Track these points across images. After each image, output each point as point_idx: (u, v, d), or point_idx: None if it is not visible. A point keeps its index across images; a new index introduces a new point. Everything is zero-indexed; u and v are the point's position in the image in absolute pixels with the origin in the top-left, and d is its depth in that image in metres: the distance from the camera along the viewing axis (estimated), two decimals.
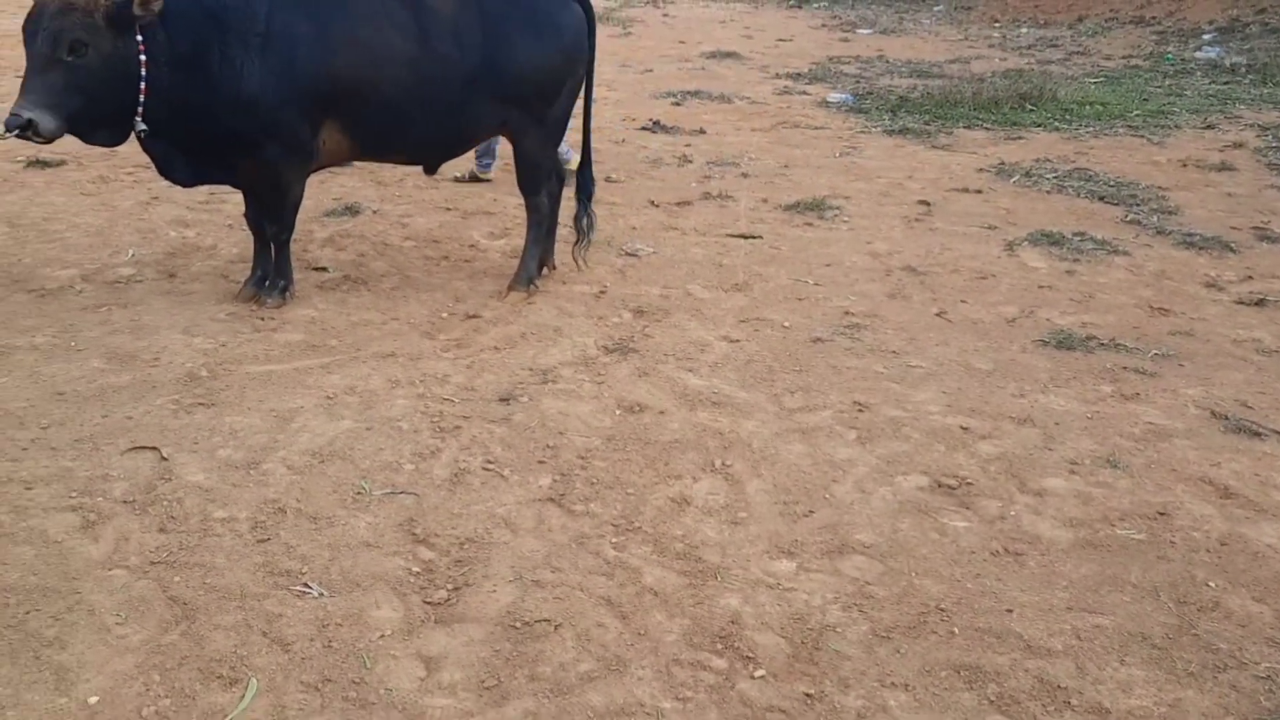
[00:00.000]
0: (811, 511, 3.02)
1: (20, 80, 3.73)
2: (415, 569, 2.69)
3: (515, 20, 4.37)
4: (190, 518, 2.86)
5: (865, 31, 15.88)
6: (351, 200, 5.99)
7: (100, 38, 3.69)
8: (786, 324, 4.39)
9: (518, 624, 2.49)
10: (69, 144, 5.79)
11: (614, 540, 2.84)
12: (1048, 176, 6.98)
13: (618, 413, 3.57)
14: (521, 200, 4.78)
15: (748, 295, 4.73)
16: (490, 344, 4.11)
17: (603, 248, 5.34)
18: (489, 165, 6.52)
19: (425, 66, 4.22)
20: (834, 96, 9.97)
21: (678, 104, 9.58)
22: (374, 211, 5.89)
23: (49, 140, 3.79)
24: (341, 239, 5.38)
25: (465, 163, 6.22)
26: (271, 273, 4.48)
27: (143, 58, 3.79)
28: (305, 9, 4.04)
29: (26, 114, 3.62)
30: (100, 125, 3.93)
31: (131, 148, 4.18)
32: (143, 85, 3.81)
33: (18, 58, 4.27)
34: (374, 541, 2.80)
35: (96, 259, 4.92)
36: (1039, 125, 8.74)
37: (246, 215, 4.50)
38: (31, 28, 3.65)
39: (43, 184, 6.18)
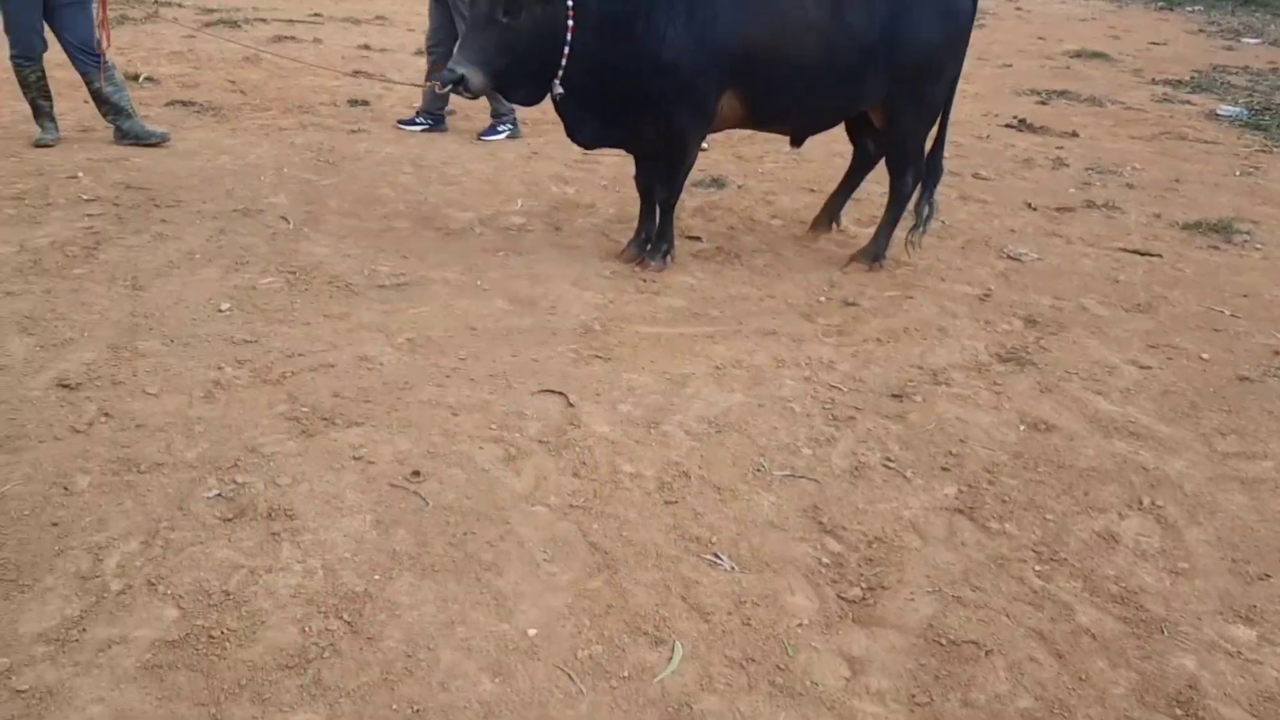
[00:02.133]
0: (1268, 575, 2.63)
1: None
2: (825, 560, 2.59)
3: None
4: (600, 467, 2.91)
5: (1252, 41, 14.20)
6: (717, 173, 6.02)
7: (534, 1, 3.81)
8: (1205, 355, 3.91)
9: (943, 640, 2.33)
10: (457, 98, 6.19)
11: (1037, 568, 2.61)
12: None
13: (1022, 428, 3.30)
14: (885, 189, 4.77)
15: (1153, 318, 4.27)
16: (873, 335, 3.95)
17: (980, 247, 5.04)
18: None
19: (833, 36, 4.16)
20: (1225, 109, 8.95)
21: (1043, 103, 8.95)
22: (739, 186, 5.88)
23: (475, 96, 4.00)
24: (710, 210, 5.40)
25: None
26: (654, 236, 4.54)
27: (570, 23, 3.89)
28: None
29: (459, 70, 3.80)
30: (521, 84, 4.08)
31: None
32: (566, 49, 3.92)
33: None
34: (779, 523, 2.72)
35: (490, 205, 5.21)
36: None
37: (636, 179, 4.58)
38: None
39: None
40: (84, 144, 5.66)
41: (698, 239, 4.92)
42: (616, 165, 6.01)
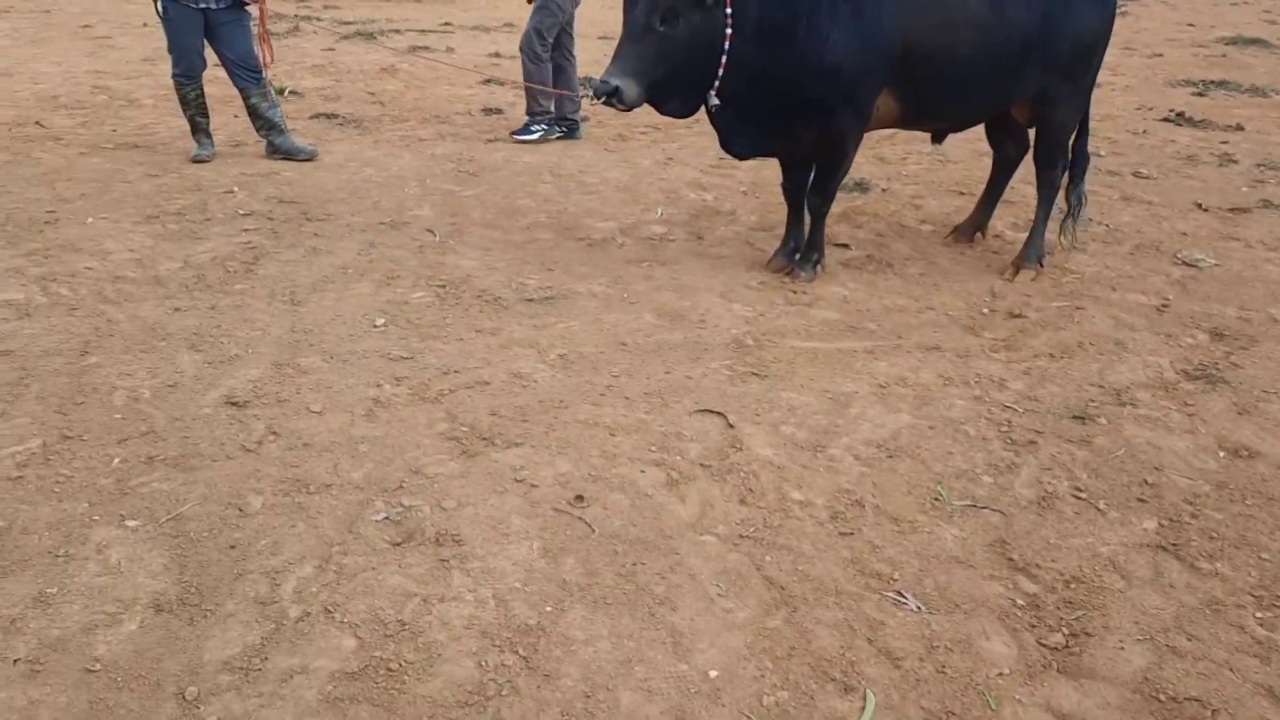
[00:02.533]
0: None
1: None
2: (1019, 601, 2.41)
3: None
4: (767, 494, 2.78)
5: None
6: (859, 177, 5.82)
7: (692, 8, 3.65)
8: None
9: (1161, 697, 2.13)
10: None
11: (1258, 615, 2.37)
12: None
13: (1222, 455, 3.04)
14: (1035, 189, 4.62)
15: None
16: (1044, 350, 3.72)
17: (1152, 253, 4.72)
18: None
19: (995, 30, 3.98)
20: None
21: (1200, 94, 8.43)
22: (883, 190, 5.67)
23: (630, 109, 3.80)
24: (856, 215, 5.22)
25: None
26: (804, 245, 4.40)
27: (728, 30, 3.75)
28: None
29: (614, 82, 3.65)
30: (676, 95, 3.91)
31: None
32: (723, 58, 3.78)
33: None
34: (964, 559, 2.55)
35: (630, 214, 5.14)
36: None
37: (784, 186, 4.43)
38: None
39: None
40: (236, 159, 5.83)
41: (846, 246, 4.75)
42: (755, 170, 5.89)
